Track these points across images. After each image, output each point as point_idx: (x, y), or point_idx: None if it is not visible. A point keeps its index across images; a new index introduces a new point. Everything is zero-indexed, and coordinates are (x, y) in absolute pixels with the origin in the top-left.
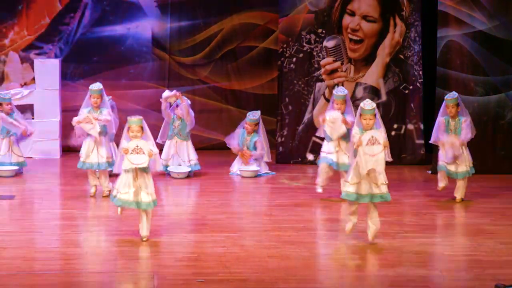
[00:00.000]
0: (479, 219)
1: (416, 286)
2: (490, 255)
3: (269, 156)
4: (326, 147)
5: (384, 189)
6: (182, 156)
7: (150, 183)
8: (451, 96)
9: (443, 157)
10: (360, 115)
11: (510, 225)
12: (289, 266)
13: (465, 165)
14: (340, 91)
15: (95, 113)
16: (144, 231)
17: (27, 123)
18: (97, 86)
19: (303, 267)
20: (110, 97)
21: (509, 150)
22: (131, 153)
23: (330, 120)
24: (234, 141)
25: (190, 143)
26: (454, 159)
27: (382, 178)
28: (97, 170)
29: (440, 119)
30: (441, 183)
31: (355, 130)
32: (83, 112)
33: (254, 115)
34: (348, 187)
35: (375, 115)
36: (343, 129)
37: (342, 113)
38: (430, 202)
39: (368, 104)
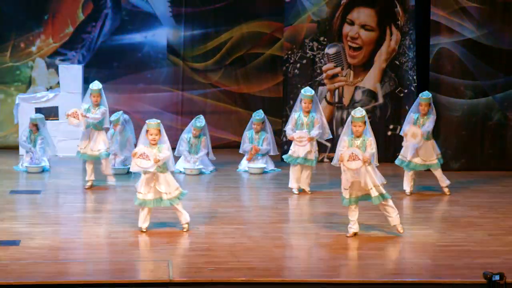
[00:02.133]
0: (468, 212)
1: (410, 274)
2: (479, 246)
3: (275, 150)
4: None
5: (378, 191)
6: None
7: (168, 181)
8: (426, 95)
9: (403, 151)
10: (351, 122)
11: (497, 218)
12: (293, 255)
13: (435, 157)
14: (308, 91)
15: (94, 109)
16: (183, 219)
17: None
18: (96, 85)
19: (306, 256)
20: (121, 111)
21: (496, 149)
22: (138, 157)
23: (297, 139)
24: (246, 144)
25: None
26: (416, 151)
27: (370, 183)
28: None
29: (411, 115)
30: (407, 187)
31: (343, 140)
32: (82, 107)
33: (259, 115)
34: (343, 193)
35: (364, 122)
36: (307, 148)
37: (309, 111)
38: (423, 197)
39: (358, 112)
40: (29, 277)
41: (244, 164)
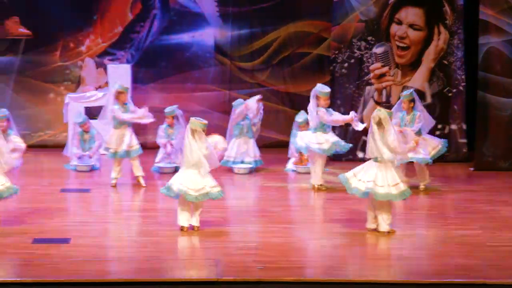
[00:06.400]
0: None
1: (458, 274)
2: None
3: None
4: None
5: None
6: (249, 152)
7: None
8: (406, 92)
9: None
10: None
11: None
12: (341, 255)
13: (423, 152)
14: (325, 88)
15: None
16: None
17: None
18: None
19: (353, 255)
20: (176, 106)
21: None
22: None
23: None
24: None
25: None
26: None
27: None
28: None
29: (397, 114)
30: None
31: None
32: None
33: (300, 117)
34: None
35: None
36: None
37: (328, 107)
38: (472, 197)
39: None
40: (79, 275)
41: (292, 164)
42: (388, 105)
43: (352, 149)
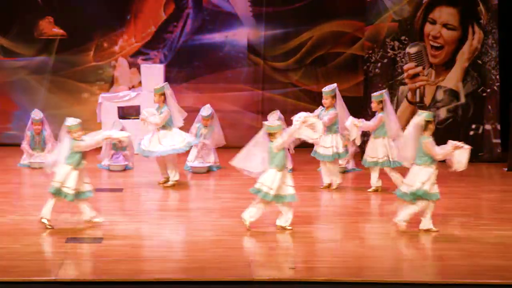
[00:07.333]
0: None
1: (493, 275)
2: None
3: None
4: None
5: None
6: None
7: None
8: (377, 93)
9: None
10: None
11: None
12: (375, 255)
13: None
14: (327, 87)
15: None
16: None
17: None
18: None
19: (388, 256)
20: (209, 105)
21: None
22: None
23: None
24: None
25: None
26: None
27: None
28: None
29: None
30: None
31: (430, 143)
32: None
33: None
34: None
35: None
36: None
37: (330, 107)
38: (507, 197)
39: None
40: (111, 274)
41: None
42: (421, 105)
43: None
